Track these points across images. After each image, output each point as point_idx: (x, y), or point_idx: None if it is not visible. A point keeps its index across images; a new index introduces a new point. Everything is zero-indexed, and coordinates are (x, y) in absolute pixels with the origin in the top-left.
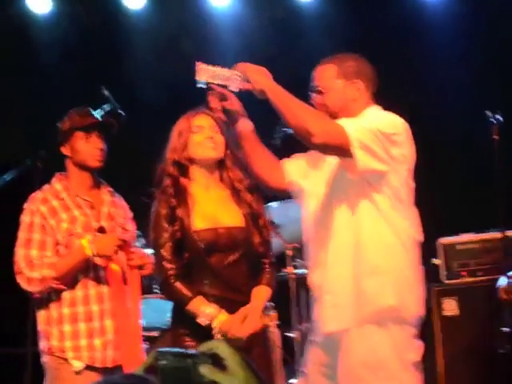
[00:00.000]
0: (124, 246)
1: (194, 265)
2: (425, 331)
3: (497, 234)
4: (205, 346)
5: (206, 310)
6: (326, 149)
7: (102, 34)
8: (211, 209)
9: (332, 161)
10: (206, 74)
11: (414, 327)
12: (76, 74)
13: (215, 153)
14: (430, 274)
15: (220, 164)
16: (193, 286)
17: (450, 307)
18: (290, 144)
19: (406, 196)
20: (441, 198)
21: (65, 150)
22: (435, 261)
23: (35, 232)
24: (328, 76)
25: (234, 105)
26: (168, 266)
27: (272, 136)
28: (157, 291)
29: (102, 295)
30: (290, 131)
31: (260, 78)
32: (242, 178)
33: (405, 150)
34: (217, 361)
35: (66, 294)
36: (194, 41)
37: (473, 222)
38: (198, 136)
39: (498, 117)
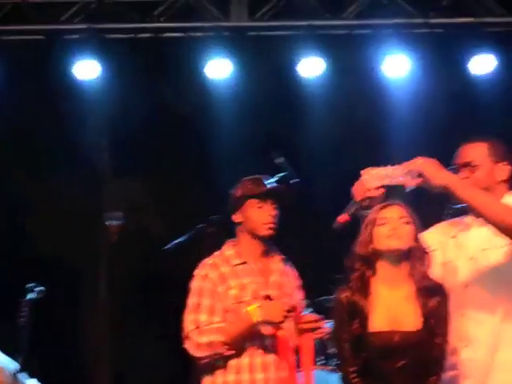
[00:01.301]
0: (293, 312)
1: (368, 366)
2: None
3: None
4: None
5: None
6: None
7: (277, 100)
8: (391, 308)
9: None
10: (374, 179)
11: None
12: (252, 140)
13: (398, 243)
14: None
15: (407, 256)
16: None
17: None
18: None
19: None
20: None
21: (236, 218)
22: None
23: (205, 297)
24: (481, 154)
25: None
26: (349, 366)
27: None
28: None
29: (267, 364)
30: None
31: (441, 173)
32: (426, 275)
33: None
34: None
35: (232, 361)
36: (368, 109)
37: None
38: (383, 228)
39: None
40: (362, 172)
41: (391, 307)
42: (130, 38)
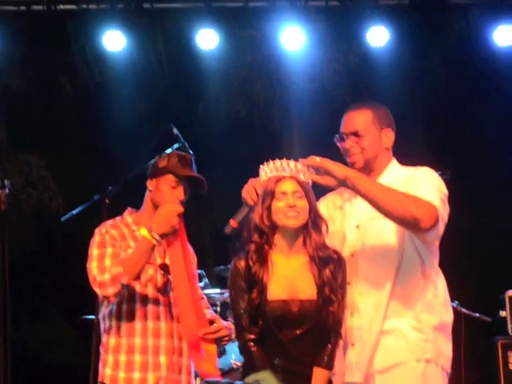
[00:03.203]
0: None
1: (266, 334)
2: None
3: None
4: (252, 378)
5: None
6: (431, 230)
7: (174, 73)
8: (288, 278)
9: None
10: (268, 171)
11: None
12: (147, 112)
13: (296, 222)
14: (497, 327)
15: (303, 229)
16: (266, 353)
17: None
18: None
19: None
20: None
21: (150, 184)
22: (502, 313)
23: (107, 247)
24: (366, 121)
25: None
26: (247, 335)
27: None
28: None
29: (159, 331)
30: None
31: (341, 168)
32: (322, 245)
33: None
34: None
35: (124, 324)
36: (266, 82)
37: None
38: (281, 203)
39: None
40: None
41: (289, 276)
42: (22, 11)
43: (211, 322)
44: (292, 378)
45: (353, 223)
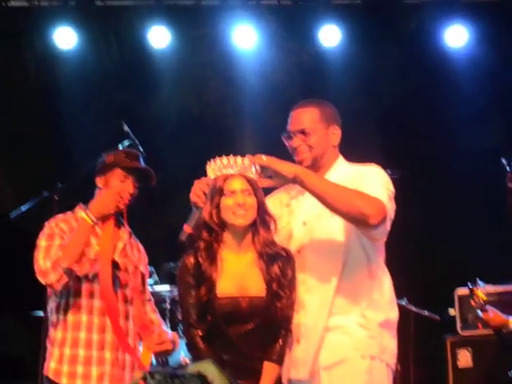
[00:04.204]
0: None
1: (214, 330)
2: (438, 381)
3: None
4: (194, 368)
5: None
6: (379, 227)
7: (125, 71)
8: (237, 275)
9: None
10: (216, 169)
11: None
12: (99, 110)
13: (244, 220)
14: (447, 325)
15: (252, 226)
16: (214, 349)
17: (465, 359)
18: None
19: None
20: (459, 247)
21: (99, 181)
22: (452, 311)
23: (55, 240)
24: (313, 119)
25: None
26: (194, 331)
27: None
28: None
29: (104, 326)
30: None
31: (288, 166)
32: (270, 242)
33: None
34: (205, 382)
35: (70, 317)
36: (218, 80)
37: (492, 273)
38: (230, 200)
39: None
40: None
41: (238, 273)
42: None
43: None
44: (240, 373)
45: (299, 220)
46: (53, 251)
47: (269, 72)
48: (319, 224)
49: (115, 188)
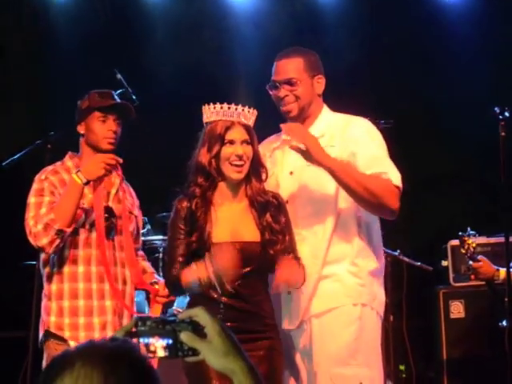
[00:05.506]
0: (114, 164)
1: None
2: (430, 332)
3: None
4: (185, 314)
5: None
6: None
7: (121, 20)
8: (231, 221)
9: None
10: (215, 113)
11: None
12: (94, 60)
13: (240, 175)
14: (439, 276)
15: (245, 176)
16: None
17: (457, 309)
18: None
19: None
20: (451, 198)
21: (80, 129)
22: (444, 263)
23: (45, 196)
24: (298, 68)
25: None
26: (180, 258)
27: None
28: None
29: (103, 275)
30: None
31: (323, 154)
32: (262, 191)
33: None
34: (196, 328)
35: (66, 269)
36: (213, 31)
37: (483, 224)
38: (229, 150)
39: (506, 114)
40: None
41: (231, 220)
42: None
43: (154, 283)
44: (235, 314)
45: (286, 170)
46: (43, 210)
47: (263, 21)
48: (307, 173)
49: (98, 131)
